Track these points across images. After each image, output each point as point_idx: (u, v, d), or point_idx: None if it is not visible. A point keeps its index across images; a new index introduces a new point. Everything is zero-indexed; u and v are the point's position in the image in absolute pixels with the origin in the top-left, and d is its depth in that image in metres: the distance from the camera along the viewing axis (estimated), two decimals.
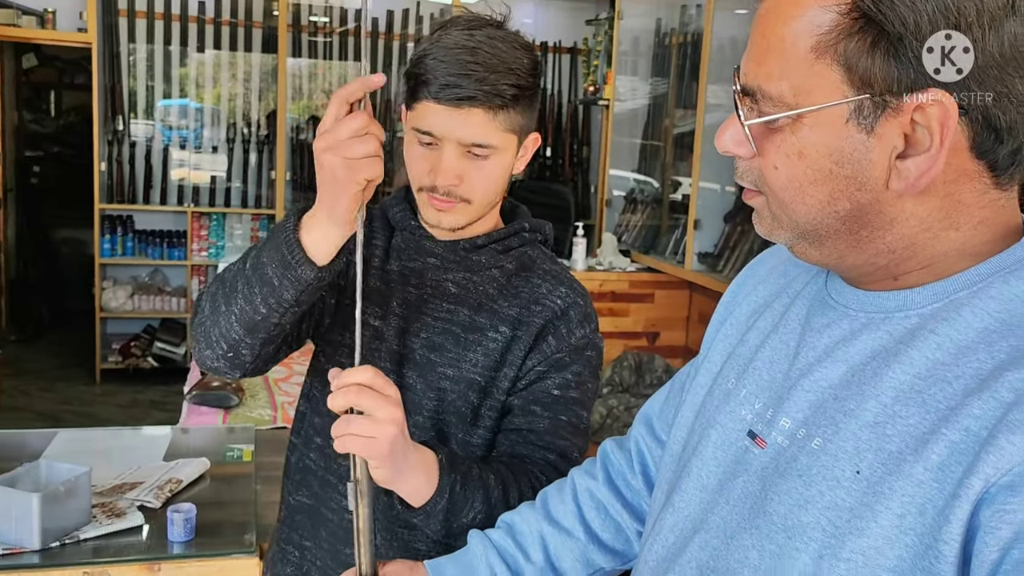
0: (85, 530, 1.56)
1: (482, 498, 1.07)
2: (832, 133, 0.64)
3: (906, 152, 0.63)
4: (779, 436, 0.72)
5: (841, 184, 0.65)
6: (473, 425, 1.17)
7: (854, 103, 0.62)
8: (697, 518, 0.77)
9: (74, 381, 5.43)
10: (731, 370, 0.83)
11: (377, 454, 0.94)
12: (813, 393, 0.70)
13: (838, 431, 0.67)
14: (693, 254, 4.07)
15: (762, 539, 0.69)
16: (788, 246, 0.73)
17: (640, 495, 1.03)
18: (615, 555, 1.03)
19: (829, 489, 0.65)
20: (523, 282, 1.19)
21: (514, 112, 1.09)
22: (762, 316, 0.83)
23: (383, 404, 0.93)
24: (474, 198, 1.12)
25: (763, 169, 0.69)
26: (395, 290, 1.19)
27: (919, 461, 0.61)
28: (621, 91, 5.14)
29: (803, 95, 0.64)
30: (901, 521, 0.61)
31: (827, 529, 0.64)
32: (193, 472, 1.83)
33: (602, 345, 1.23)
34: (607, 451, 1.07)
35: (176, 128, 5.59)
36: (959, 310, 0.65)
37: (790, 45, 0.64)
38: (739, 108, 0.68)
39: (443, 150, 1.09)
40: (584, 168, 5.90)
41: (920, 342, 0.65)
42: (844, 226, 0.67)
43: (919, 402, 0.63)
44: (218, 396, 2.32)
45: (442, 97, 1.06)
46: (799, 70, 0.64)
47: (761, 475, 0.72)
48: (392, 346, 1.17)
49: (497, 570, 1.00)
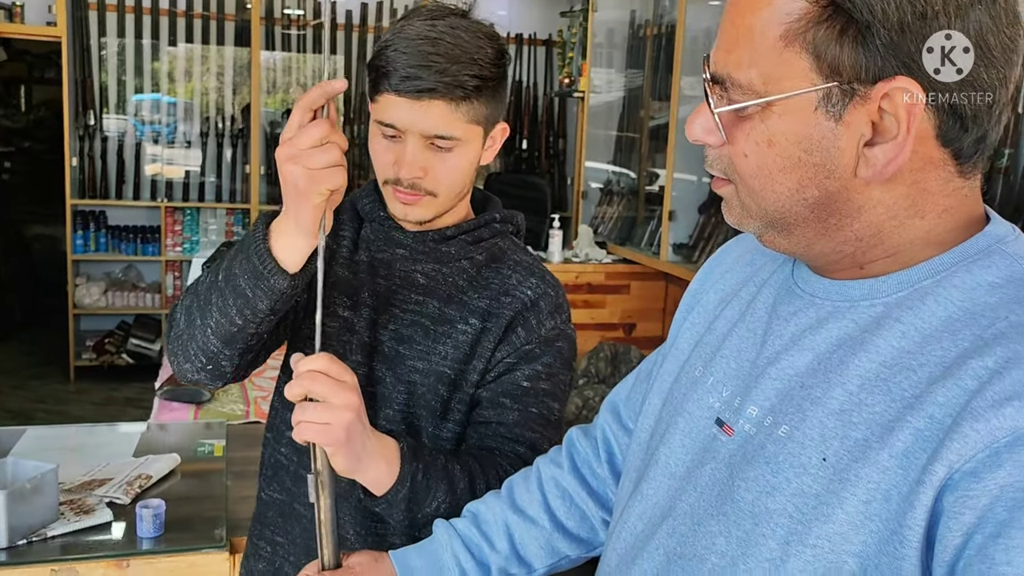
0: (53, 527, 1.54)
1: (446, 488, 1.06)
2: (801, 121, 0.64)
3: (874, 140, 0.64)
4: (746, 424, 0.72)
5: (810, 172, 0.66)
6: (443, 419, 1.16)
7: (822, 91, 0.63)
8: (665, 505, 0.78)
9: (48, 379, 5.38)
10: (698, 358, 0.83)
11: (333, 440, 0.94)
12: (780, 381, 0.71)
13: (805, 419, 0.67)
14: (668, 245, 4.08)
15: (729, 525, 0.70)
16: (757, 235, 0.74)
17: (605, 483, 1.03)
18: (580, 543, 1.03)
19: (796, 476, 0.66)
20: (493, 273, 1.18)
21: (477, 103, 1.08)
22: (729, 304, 0.84)
23: (337, 390, 0.93)
24: (439, 191, 1.11)
25: (733, 157, 0.69)
26: (364, 281, 1.18)
27: (884, 448, 0.62)
28: (596, 83, 5.15)
29: (772, 83, 0.64)
30: (866, 507, 0.62)
31: (793, 516, 0.65)
32: (163, 468, 1.81)
33: (574, 336, 1.22)
34: (573, 439, 1.07)
35: (149, 123, 5.53)
36: (923, 299, 0.66)
37: (759, 34, 0.64)
38: (709, 96, 0.68)
39: (406, 143, 1.08)
40: (560, 160, 5.90)
41: (886, 331, 0.66)
42: (812, 214, 0.68)
43: (884, 390, 0.64)
44: (189, 392, 2.31)
45: (402, 89, 1.05)
46: (768, 58, 0.64)
47: (728, 462, 0.72)
48: (364, 338, 1.16)
49: (462, 559, 1.00)
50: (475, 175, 1.17)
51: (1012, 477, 0.56)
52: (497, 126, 1.15)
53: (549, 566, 1.03)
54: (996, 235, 0.68)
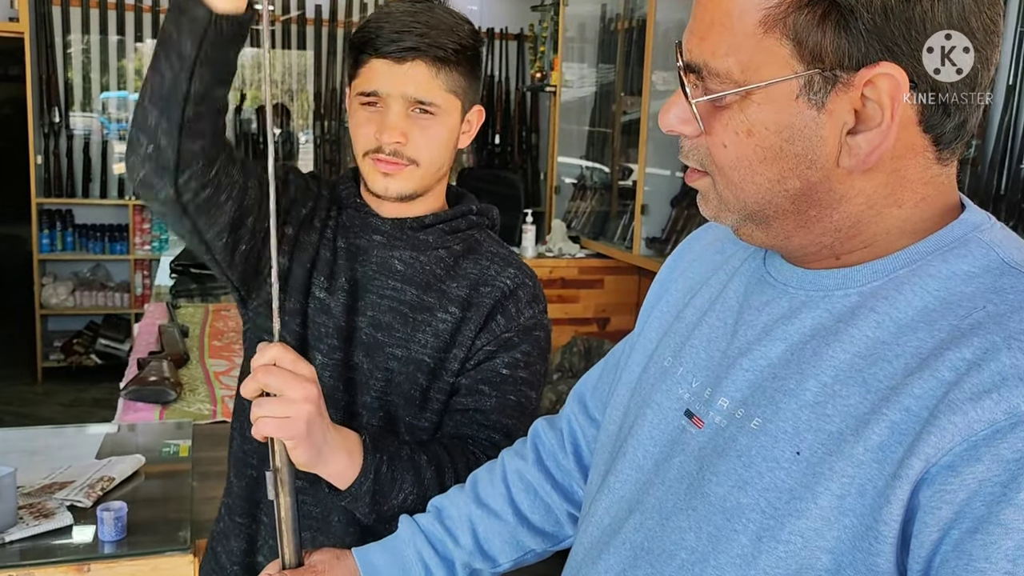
0: (11, 532, 1.50)
1: (412, 479, 1.05)
2: (782, 109, 0.62)
3: (856, 128, 0.62)
4: (716, 416, 0.71)
5: (791, 162, 0.64)
6: (422, 408, 1.15)
7: (804, 78, 0.61)
8: (632, 499, 0.76)
9: (14, 381, 5.29)
10: (667, 348, 0.81)
11: (294, 434, 0.91)
12: (751, 372, 0.69)
13: (778, 411, 0.66)
14: (641, 239, 4.08)
15: (699, 520, 0.68)
16: (734, 228, 0.72)
17: (571, 476, 1.01)
18: (545, 537, 1.02)
19: (768, 470, 0.64)
20: (471, 264, 1.18)
21: (456, 73, 1.11)
22: (698, 293, 0.82)
23: (293, 382, 0.91)
24: (421, 159, 1.12)
25: (711, 148, 0.67)
26: (342, 266, 1.18)
27: (859, 441, 0.60)
28: (568, 78, 5.14)
29: (751, 71, 0.62)
30: (840, 502, 0.60)
31: (766, 511, 0.64)
32: (127, 469, 1.77)
33: (550, 328, 1.22)
34: (538, 430, 1.05)
35: (117, 121, 5.45)
36: (899, 288, 0.65)
37: (736, 19, 0.62)
38: (684, 85, 0.66)
39: (388, 108, 1.10)
40: (533, 155, 5.89)
41: (860, 320, 0.65)
42: (793, 205, 0.66)
43: (859, 381, 0.63)
44: (155, 391, 2.26)
45: (386, 52, 1.09)
46: (746, 45, 0.62)
47: (698, 455, 0.71)
48: (340, 322, 1.15)
49: (425, 555, 0.98)
50: (454, 155, 1.18)
51: (990, 471, 0.55)
52: (473, 108, 1.18)
53: (514, 560, 1.02)
54: (972, 223, 0.66)
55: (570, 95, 5.18)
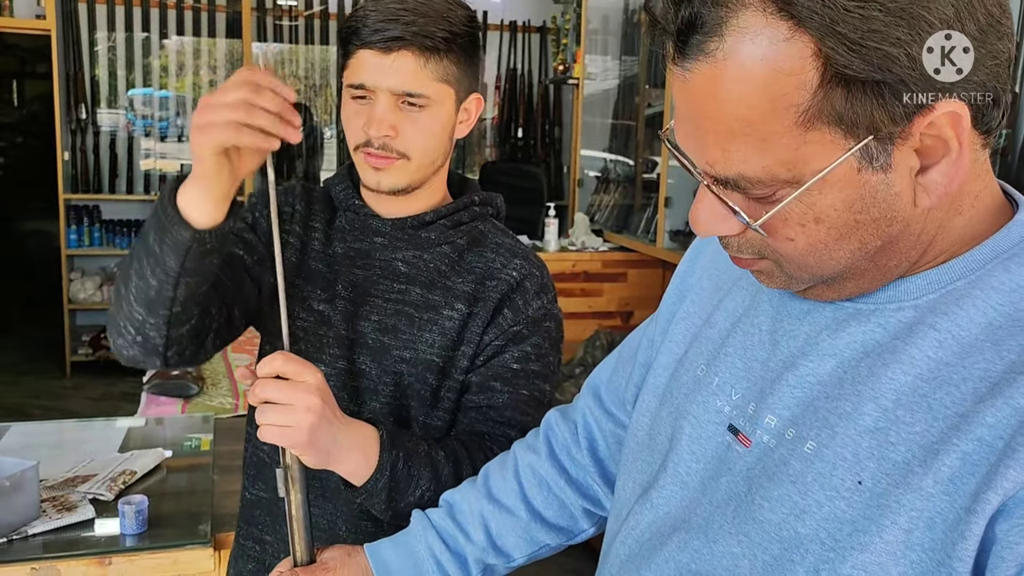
0: (34, 525, 1.51)
1: (430, 476, 1.04)
2: (846, 187, 0.58)
3: (924, 164, 0.58)
4: (765, 435, 0.67)
5: (870, 228, 0.60)
6: (433, 407, 1.13)
7: (859, 151, 0.57)
8: (677, 516, 0.73)
9: (43, 375, 5.36)
10: (699, 355, 0.78)
11: (296, 443, 0.92)
12: (800, 389, 0.66)
13: (834, 435, 0.62)
14: (665, 232, 4.05)
15: (754, 548, 0.65)
16: (799, 291, 0.68)
17: (586, 471, 1.00)
18: (560, 532, 1.00)
19: (828, 499, 0.61)
20: (476, 257, 1.16)
21: (447, 61, 1.07)
22: (728, 295, 0.79)
23: (295, 393, 0.91)
24: (411, 153, 1.09)
25: (774, 245, 0.63)
26: (340, 273, 1.15)
27: (928, 473, 0.57)
28: (592, 70, 5.11)
29: (800, 165, 0.58)
30: (908, 536, 0.57)
31: (826, 542, 0.60)
32: (148, 463, 1.79)
33: (561, 316, 1.19)
34: (551, 423, 1.03)
35: (143, 117, 5.50)
36: (959, 303, 0.61)
37: (761, 125, 0.57)
38: (726, 200, 0.62)
39: (376, 101, 1.07)
40: (556, 149, 5.87)
41: (920, 339, 0.61)
42: (872, 263, 0.62)
43: (924, 407, 0.59)
44: (178, 385, 2.28)
45: (371, 41, 1.05)
46: (786, 145, 0.57)
47: (747, 476, 0.68)
48: (340, 331, 1.13)
49: (436, 551, 0.97)
50: (450, 145, 1.14)
51: None
52: (471, 96, 1.13)
53: (528, 555, 1.00)
54: None
55: (593, 88, 5.15)
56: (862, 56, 0.53)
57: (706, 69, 0.57)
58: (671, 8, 0.58)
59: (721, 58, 0.56)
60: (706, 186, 0.63)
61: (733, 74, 0.56)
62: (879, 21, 0.53)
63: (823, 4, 0.53)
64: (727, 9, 0.56)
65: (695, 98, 0.59)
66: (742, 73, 0.56)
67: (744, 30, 0.55)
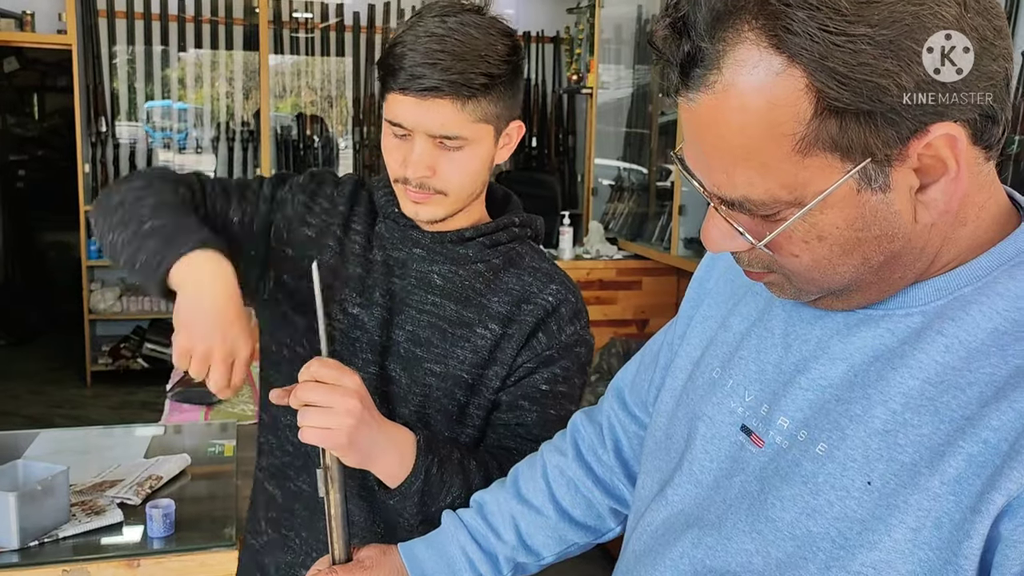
0: (64, 528, 1.55)
1: (461, 483, 1.06)
2: (847, 207, 0.60)
3: (924, 182, 0.60)
4: (777, 436, 0.70)
5: (872, 244, 0.62)
6: (459, 423, 1.15)
7: (858, 172, 0.59)
8: (691, 513, 0.76)
9: (65, 384, 5.42)
10: (714, 358, 0.80)
11: (336, 445, 0.95)
12: (812, 392, 0.68)
13: (844, 437, 0.65)
14: (679, 240, 4.06)
15: (767, 545, 0.67)
16: (809, 302, 0.70)
17: (612, 471, 1.02)
18: (588, 530, 1.03)
19: (839, 499, 0.63)
20: (513, 278, 1.16)
21: (486, 101, 1.05)
22: (744, 300, 0.81)
23: (334, 396, 0.94)
24: (449, 190, 1.09)
25: (780, 260, 0.66)
26: (378, 280, 1.17)
27: (935, 474, 0.59)
28: (605, 79, 5.13)
29: (800, 188, 0.60)
30: (915, 535, 0.59)
31: (836, 540, 0.63)
32: (173, 468, 1.82)
33: (592, 342, 1.21)
34: (577, 425, 1.06)
35: (161, 129, 5.57)
36: (966, 309, 0.63)
37: (760, 152, 0.59)
38: (731, 222, 0.65)
39: (414, 142, 1.06)
40: (570, 157, 5.90)
41: (927, 344, 0.63)
42: (877, 276, 0.65)
43: (931, 410, 0.61)
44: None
45: (408, 88, 1.03)
46: (786, 170, 0.60)
47: (759, 476, 0.70)
48: (374, 337, 1.15)
49: (468, 550, 1.00)
50: (488, 174, 1.14)
51: None
52: (512, 124, 1.12)
53: (557, 553, 1.03)
54: None
55: (607, 97, 5.18)
56: (852, 89, 0.55)
57: (708, 100, 0.60)
58: (673, 42, 0.61)
59: (721, 90, 0.59)
60: (714, 207, 0.66)
61: (733, 104, 0.59)
62: (867, 54, 0.55)
63: (812, 40, 0.55)
64: (724, 44, 0.58)
65: (699, 126, 0.62)
66: (741, 104, 0.59)
67: (741, 64, 0.58)
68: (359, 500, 1.18)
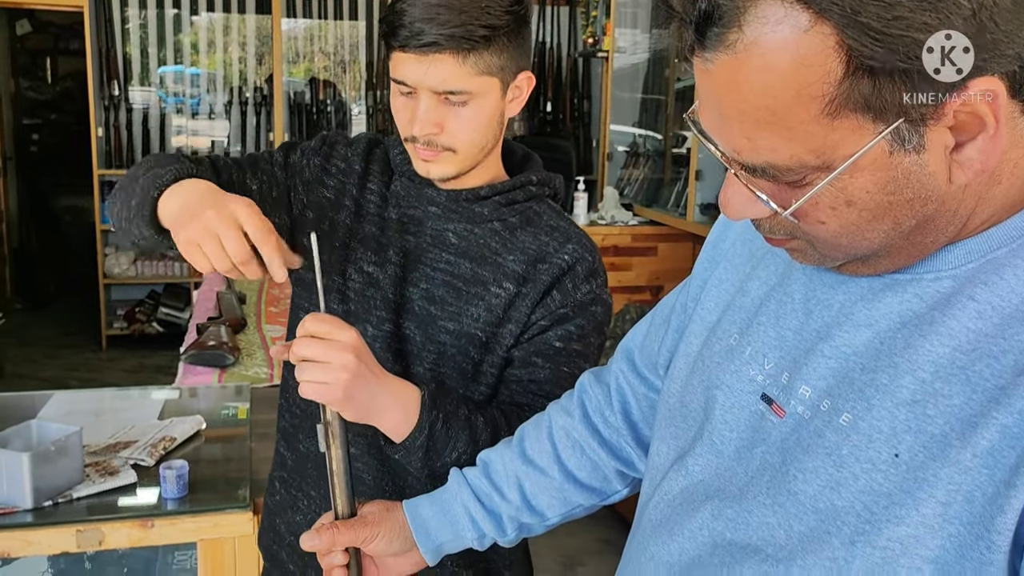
0: (78, 489, 1.55)
1: (467, 439, 1.06)
2: (879, 170, 0.57)
3: (960, 141, 0.57)
4: (799, 406, 0.67)
5: (903, 208, 0.59)
6: (474, 381, 1.15)
7: (890, 134, 0.55)
8: (710, 484, 0.74)
9: (80, 348, 5.46)
10: (732, 323, 0.78)
11: (333, 399, 0.95)
12: (835, 360, 0.66)
13: (870, 407, 0.62)
14: (695, 206, 4.03)
15: (789, 519, 0.65)
16: (834, 268, 0.67)
17: (619, 433, 1.01)
18: (593, 492, 1.02)
19: (864, 472, 0.61)
20: (529, 237, 1.16)
21: (488, 54, 1.04)
22: (763, 263, 0.78)
23: (330, 351, 0.94)
24: (457, 146, 1.09)
25: (805, 228, 0.62)
26: (392, 238, 1.17)
27: (967, 446, 0.57)
28: (621, 44, 5.06)
29: (828, 152, 0.57)
30: (945, 509, 0.57)
31: (862, 515, 0.61)
32: (187, 430, 1.82)
33: (610, 301, 1.20)
34: (585, 385, 1.04)
35: (174, 94, 5.55)
36: (999, 272, 0.60)
37: (785, 114, 0.56)
38: (753, 188, 0.62)
39: (419, 99, 1.06)
40: (585, 122, 5.83)
41: (958, 310, 0.60)
42: (907, 241, 0.61)
43: (963, 379, 0.59)
44: (214, 355, 2.31)
45: (408, 45, 1.03)
46: (813, 133, 0.56)
47: (781, 447, 0.68)
48: (388, 294, 1.15)
49: (472, 508, 0.99)
50: (501, 127, 1.13)
51: None
52: (521, 75, 1.11)
53: (562, 515, 1.02)
54: None
55: (623, 62, 5.11)
56: (887, 46, 0.52)
57: (727, 60, 0.56)
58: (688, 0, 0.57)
59: (742, 49, 0.55)
60: (734, 173, 0.62)
61: (755, 64, 0.55)
62: (903, 7, 0.51)
63: None
64: None
65: (717, 88, 0.58)
66: (763, 64, 0.55)
67: (763, 20, 0.54)
68: (368, 459, 1.18)
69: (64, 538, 1.47)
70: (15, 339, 5.39)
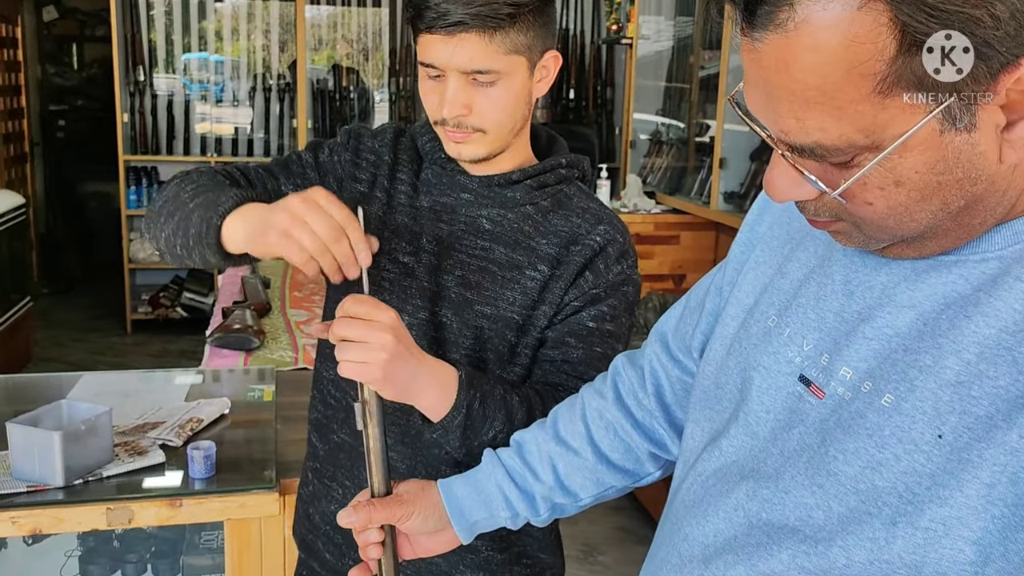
0: (107, 468, 1.57)
1: (504, 418, 1.07)
2: (928, 149, 0.56)
3: (1011, 119, 0.56)
4: (840, 387, 0.67)
5: (953, 188, 0.58)
6: (510, 362, 1.17)
7: (941, 112, 0.55)
8: (744, 465, 0.74)
9: (106, 332, 5.52)
10: (770, 306, 0.77)
11: (371, 378, 0.96)
12: (877, 342, 0.65)
13: (913, 388, 0.62)
14: (719, 194, 4.00)
15: (828, 499, 0.65)
16: (878, 251, 0.67)
17: (652, 415, 1.01)
18: (626, 474, 1.02)
19: (906, 453, 0.61)
20: (561, 220, 1.16)
21: (515, 32, 1.05)
22: (802, 245, 0.78)
23: (369, 331, 0.95)
24: (487, 127, 1.09)
25: (852, 209, 0.62)
26: (425, 227, 1.17)
27: (1013, 428, 0.56)
28: (645, 31, 5.03)
29: (878, 131, 0.56)
30: (990, 491, 0.57)
31: (904, 496, 0.60)
32: (214, 411, 1.84)
33: (639, 281, 1.21)
34: (619, 368, 1.04)
35: (199, 82, 5.58)
36: None
37: (836, 93, 0.55)
38: (802, 169, 0.61)
39: (447, 80, 1.07)
40: (608, 110, 5.81)
41: (1004, 291, 0.60)
42: (955, 222, 0.61)
43: (1009, 360, 0.58)
44: (239, 339, 2.33)
45: (434, 26, 1.04)
46: (865, 112, 0.55)
47: (820, 428, 0.67)
48: (423, 283, 1.16)
49: (505, 488, 1.00)
50: (529, 107, 1.14)
51: None
52: (547, 55, 1.11)
53: (595, 495, 1.02)
54: None
55: (647, 48, 5.08)
56: (942, 22, 0.51)
57: (776, 39, 0.56)
58: None
59: (792, 28, 0.55)
60: (781, 154, 0.62)
61: (805, 43, 0.55)
62: None
63: None
64: None
65: (766, 68, 0.58)
66: (814, 42, 0.54)
67: None
68: (402, 448, 1.19)
69: (94, 516, 1.49)
70: (42, 323, 5.45)
